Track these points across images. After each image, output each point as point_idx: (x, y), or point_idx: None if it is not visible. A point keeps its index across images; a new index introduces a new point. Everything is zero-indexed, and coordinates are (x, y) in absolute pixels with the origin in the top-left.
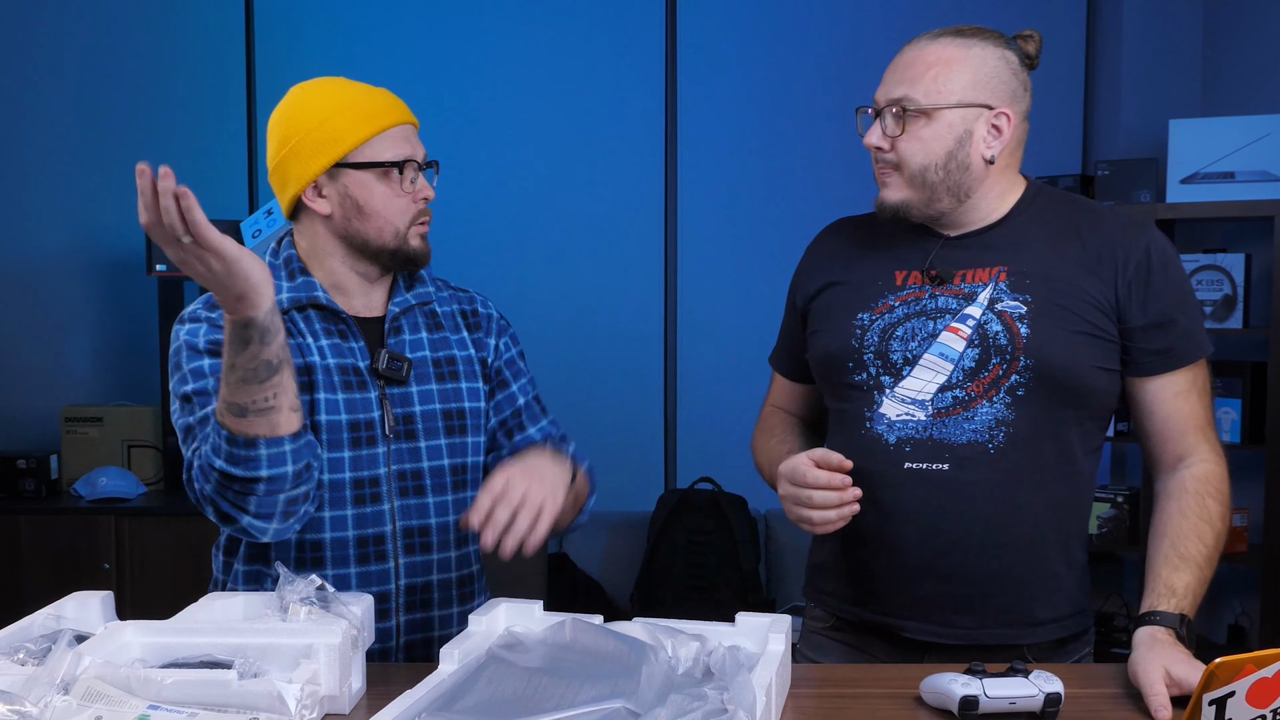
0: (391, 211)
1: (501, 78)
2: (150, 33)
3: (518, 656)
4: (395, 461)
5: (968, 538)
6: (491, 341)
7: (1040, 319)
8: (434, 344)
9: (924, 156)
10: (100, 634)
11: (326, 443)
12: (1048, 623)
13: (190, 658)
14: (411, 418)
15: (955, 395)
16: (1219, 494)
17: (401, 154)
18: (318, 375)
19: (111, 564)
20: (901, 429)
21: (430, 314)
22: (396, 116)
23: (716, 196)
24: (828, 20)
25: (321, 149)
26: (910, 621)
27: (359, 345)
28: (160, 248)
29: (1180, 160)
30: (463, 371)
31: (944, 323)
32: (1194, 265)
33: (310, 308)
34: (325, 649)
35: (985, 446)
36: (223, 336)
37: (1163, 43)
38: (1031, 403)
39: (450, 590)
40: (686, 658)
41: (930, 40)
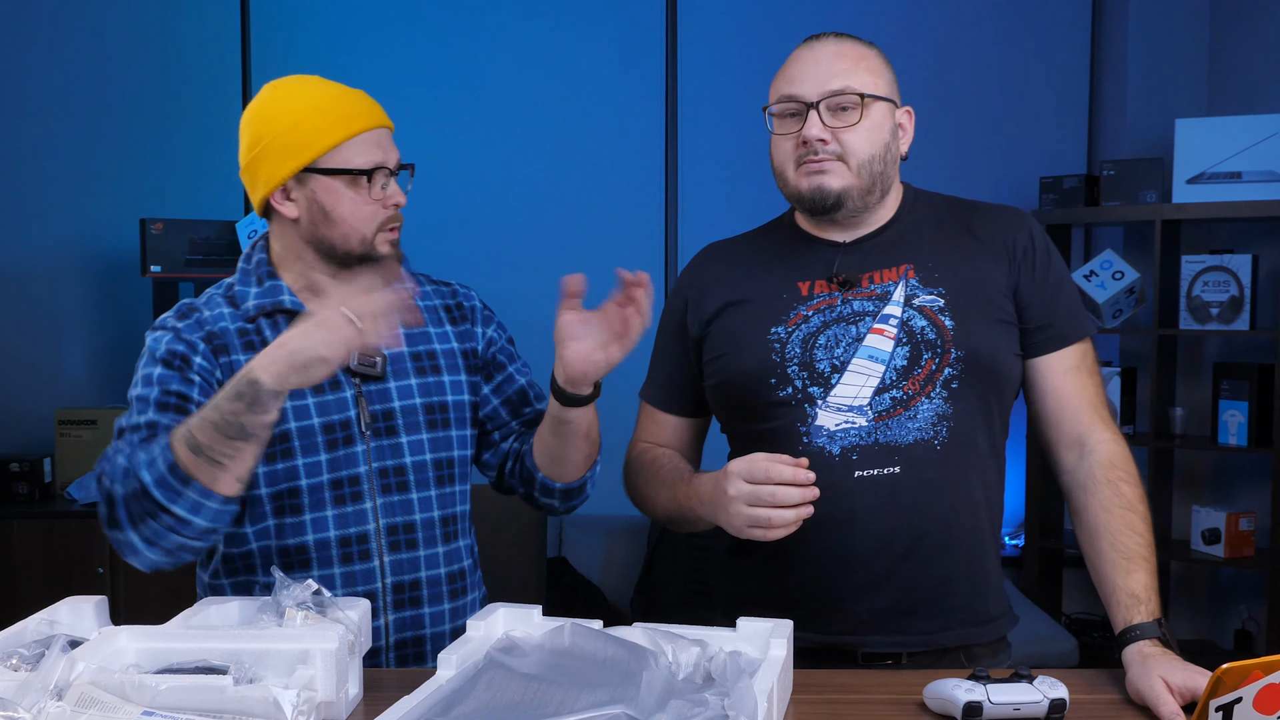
0: (358, 219)
1: (501, 76)
2: (145, 32)
3: (516, 662)
4: (376, 459)
5: (924, 540)
6: (479, 330)
7: (960, 310)
8: (412, 338)
9: (869, 146)
10: (94, 639)
11: (300, 449)
12: (998, 617)
13: (185, 663)
14: (391, 413)
15: (893, 395)
16: (1129, 476)
17: (372, 160)
18: None
19: (105, 568)
20: (844, 438)
21: (410, 309)
22: (368, 121)
23: (717, 196)
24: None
25: (290, 153)
26: (870, 636)
27: None
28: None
29: (1186, 160)
30: (444, 365)
31: (866, 325)
32: (1200, 266)
33: (278, 313)
34: (322, 654)
35: (932, 444)
36: (182, 348)
37: (1169, 41)
38: (966, 394)
39: (440, 587)
40: (687, 663)
41: (836, 39)
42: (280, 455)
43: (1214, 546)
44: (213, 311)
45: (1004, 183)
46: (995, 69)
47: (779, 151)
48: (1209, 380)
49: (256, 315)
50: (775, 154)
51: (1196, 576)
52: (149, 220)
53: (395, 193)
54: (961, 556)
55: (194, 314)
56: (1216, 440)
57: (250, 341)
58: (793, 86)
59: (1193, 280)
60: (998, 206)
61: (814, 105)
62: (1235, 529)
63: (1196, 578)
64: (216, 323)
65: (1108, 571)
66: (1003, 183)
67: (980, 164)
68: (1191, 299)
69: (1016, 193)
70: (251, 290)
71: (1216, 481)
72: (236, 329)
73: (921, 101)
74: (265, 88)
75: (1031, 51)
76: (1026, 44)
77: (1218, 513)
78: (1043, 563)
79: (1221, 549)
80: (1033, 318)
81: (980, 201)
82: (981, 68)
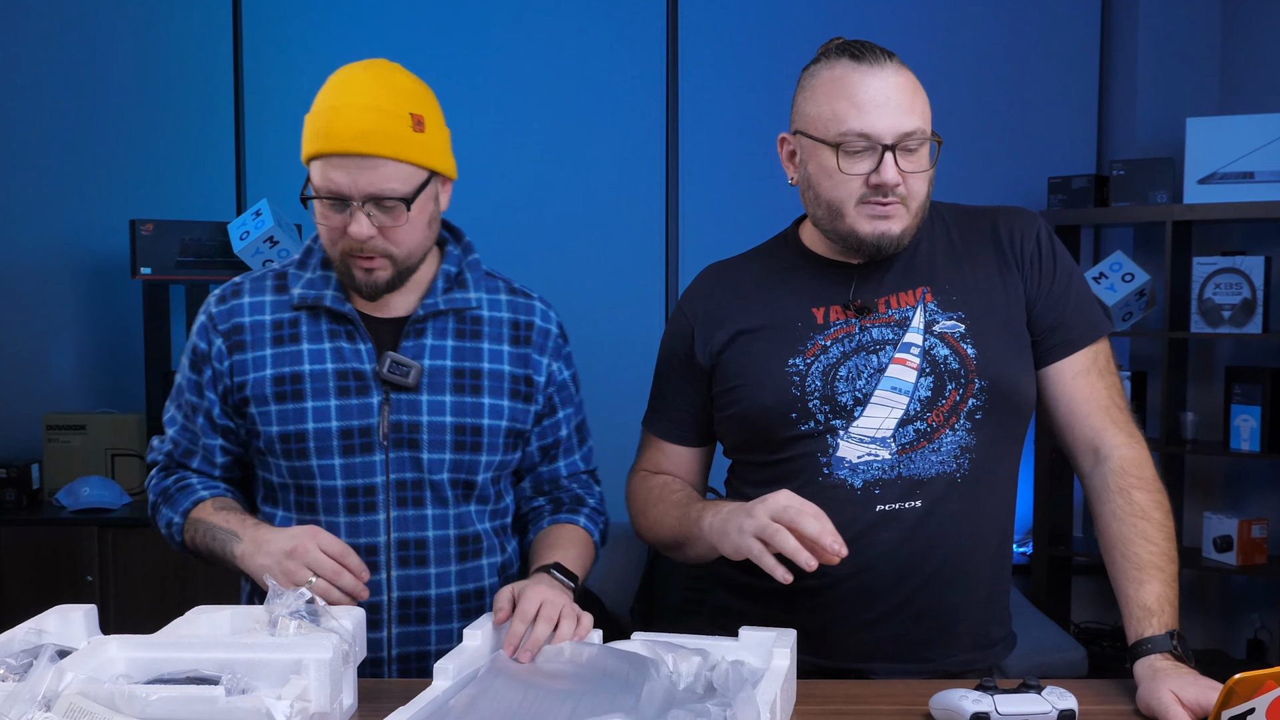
0: (324, 236)
1: (498, 79)
2: (136, 32)
3: (515, 671)
4: (395, 470)
5: (940, 571)
6: (545, 362)
7: (980, 336)
8: (460, 353)
9: (926, 186)
10: (83, 649)
11: (315, 450)
12: (1001, 640)
13: (176, 673)
14: (417, 426)
15: (917, 428)
16: (1142, 481)
17: (324, 186)
18: (306, 384)
19: (95, 576)
20: (866, 471)
21: (468, 319)
22: (339, 145)
23: (718, 197)
24: (830, 16)
25: (303, 145)
26: (878, 663)
27: (366, 348)
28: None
29: (1198, 160)
30: (488, 386)
31: (887, 355)
32: (1212, 268)
33: (320, 309)
34: (315, 664)
35: (954, 476)
36: (203, 346)
37: (1180, 39)
38: (988, 425)
39: (450, 605)
40: (688, 673)
41: (894, 65)
42: (297, 454)
43: (1226, 554)
44: (254, 299)
45: (1012, 183)
46: (1003, 67)
47: (841, 188)
48: (1221, 384)
49: (300, 305)
50: (833, 189)
51: (1208, 585)
52: (139, 221)
53: (357, 226)
54: (974, 585)
55: (236, 298)
56: (1228, 446)
57: (281, 336)
58: (863, 122)
59: (1204, 282)
60: (1005, 210)
61: (890, 148)
62: (1248, 536)
63: (1208, 586)
64: (252, 313)
65: (1121, 582)
66: (1011, 183)
67: (988, 164)
68: (1203, 301)
69: (1025, 193)
70: (304, 277)
71: (1228, 488)
72: (272, 320)
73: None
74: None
75: (1040, 49)
76: (1035, 41)
77: (1230, 520)
78: (1051, 571)
79: (1234, 557)
80: (1041, 324)
81: (988, 207)
82: (989, 66)
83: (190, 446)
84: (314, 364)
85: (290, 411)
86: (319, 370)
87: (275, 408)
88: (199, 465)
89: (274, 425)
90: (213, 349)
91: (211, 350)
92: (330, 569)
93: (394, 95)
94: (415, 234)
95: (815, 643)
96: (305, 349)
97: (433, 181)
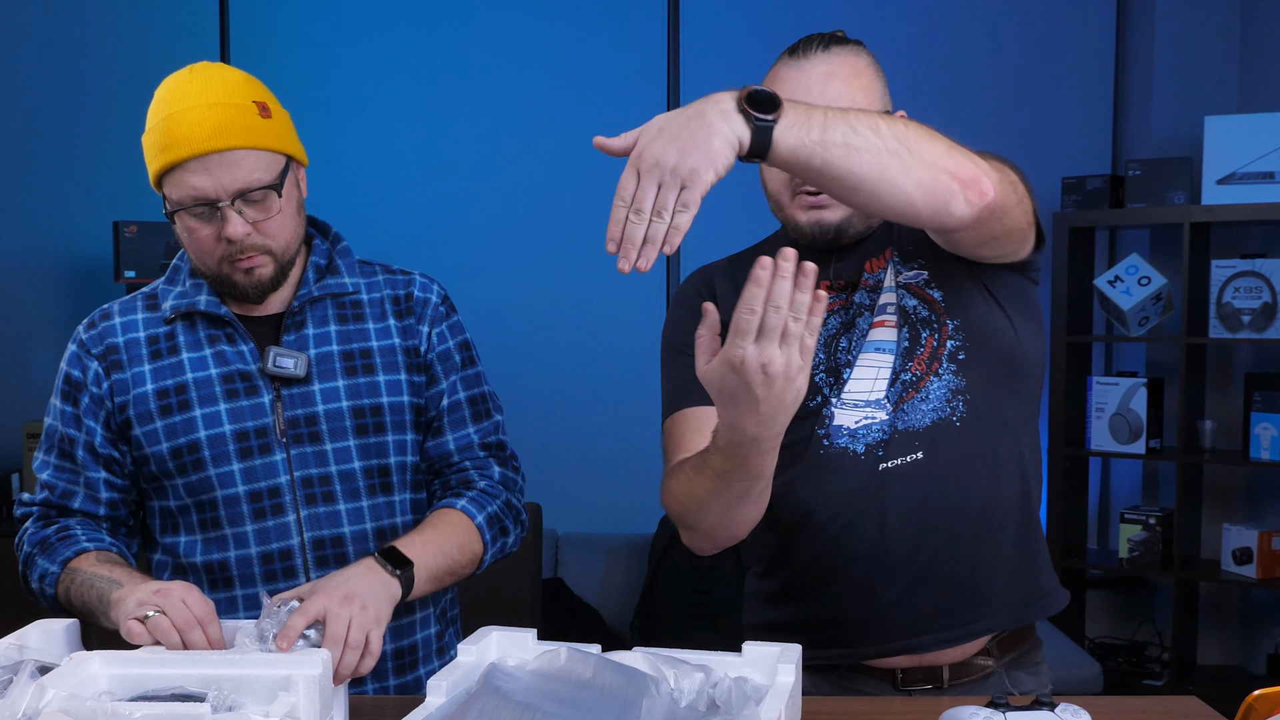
0: (194, 249)
1: (500, 74)
2: (120, 32)
3: (510, 688)
4: (299, 467)
5: (961, 524)
6: (425, 329)
7: (943, 279)
8: (345, 336)
9: None
10: (65, 665)
11: (211, 458)
12: (1050, 593)
13: (161, 690)
14: (314, 418)
15: (903, 380)
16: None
17: (188, 195)
18: (191, 393)
19: None
20: (866, 435)
21: (348, 304)
22: (193, 147)
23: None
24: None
25: (148, 164)
26: (919, 637)
27: (248, 348)
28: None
29: (1216, 160)
30: (380, 364)
31: (866, 319)
32: (1230, 271)
33: (195, 315)
34: (305, 680)
35: (951, 421)
36: (77, 373)
37: (1198, 34)
38: (975, 365)
39: None
40: (690, 690)
41: (825, 51)
42: (192, 466)
43: (1245, 567)
44: (124, 319)
45: None
46: (1016, 63)
47: (773, 179)
48: (1240, 392)
49: (174, 317)
50: (769, 181)
51: (1227, 598)
52: (122, 223)
53: (232, 227)
54: (1002, 535)
55: (104, 322)
56: (1248, 455)
57: (159, 350)
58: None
59: (1223, 286)
60: None
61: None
62: (1268, 548)
63: (1227, 599)
64: (125, 332)
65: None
66: None
67: None
68: (1222, 306)
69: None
70: (174, 290)
71: (1248, 498)
72: (147, 336)
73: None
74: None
75: (1054, 45)
76: (1049, 37)
77: (1249, 531)
78: (1065, 584)
79: (1253, 569)
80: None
81: None
82: (1002, 62)
83: (69, 486)
84: (196, 371)
85: (179, 424)
86: (203, 377)
87: (162, 423)
88: (81, 505)
89: (163, 442)
90: (88, 374)
91: (87, 376)
92: (183, 618)
93: (231, 89)
94: (288, 223)
95: (849, 632)
96: (185, 358)
97: (291, 167)
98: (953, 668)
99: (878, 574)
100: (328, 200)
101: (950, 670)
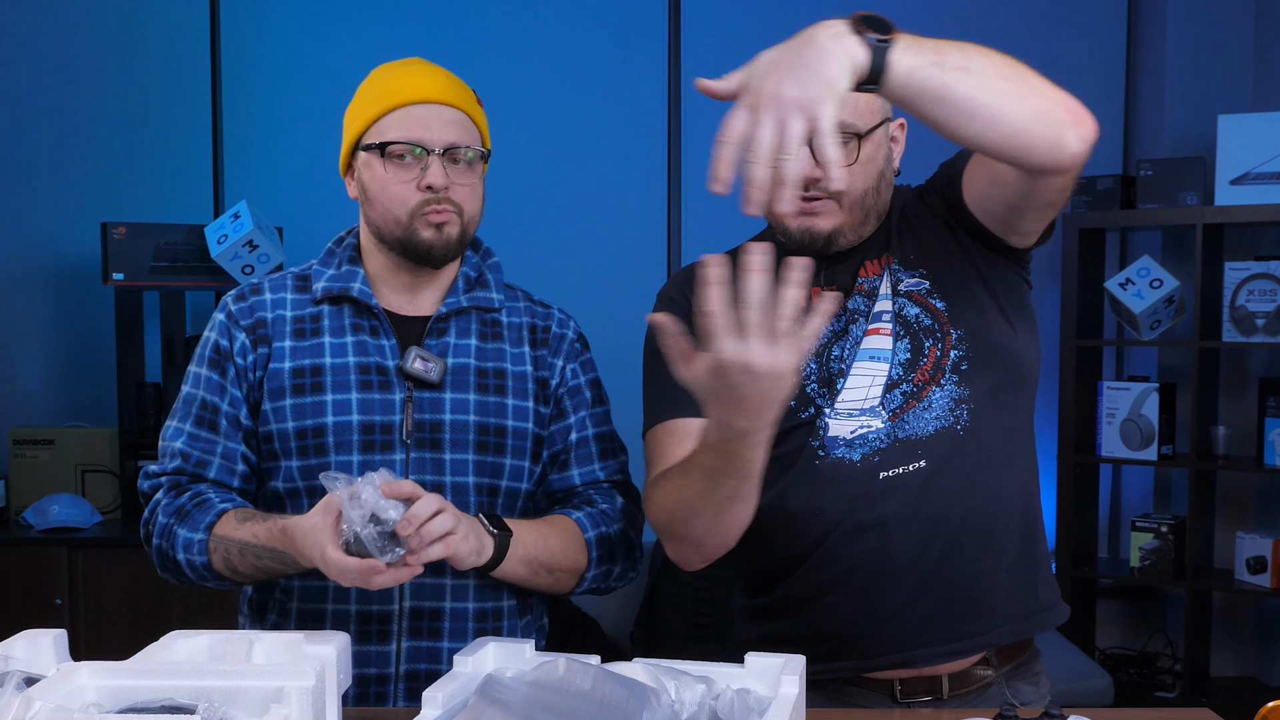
0: (388, 198)
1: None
2: (111, 32)
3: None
4: (415, 471)
5: (963, 534)
6: (558, 364)
7: (945, 288)
8: (483, 353)
9: (865, 181)
10: (52, 676)
11: (334, 445)
12: (1049, 608)
13: (150, 702)
14: (440, 425)
15: (903, 390)
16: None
17: (405, 135)
18: (326, 376)
19: (64, 599)
20: (863, 444)
21: (489, 321)
22: (412, 95)
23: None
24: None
25: (347, 130)
26: (918, 650)
27: (390, 343)
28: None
29: (1230, 159)
30: (512, 387)
31: (860, 327)
32: (1245, 274)
33: (344, 301)
34: (298, 692)
35: (954, 430)
36: (225, 343)
37: (1211, 31)
38: (978, 375)
39: (465, 622)
40: (691, 701)
41: None
42: (314, 450)
43: (1260, 576)
44: (274, 295)
45: None
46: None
47: None
48: (1254, 397)
49: (322, 299)
50: None
51: (1241, 607)
52: (111, 224)
53: (435, 174)
54: (1002, 547)
55: (254, 296)
56: (1262, 461)
57: (302, 330)
58: None
59: (1236, 289)
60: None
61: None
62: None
63: (1241, 609)
64: (274, 308)
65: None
66: None
67: None
68: (1235, 309)
69: None
70: (328, 272)
71: (1263, 506)
72: (293, 315)
73: None
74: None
75: (1064, 43)
76: (1059, 35)
77: (1264, 539)
78: (1075, 594)
79: (1268, 579)
80: (967, 196)
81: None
82: None
83: (205, 456)
84: (335, 357)
85: (308, 405)
86: (340, 364)
87: (292, 401)
88: (217, 475)
89: (289, 420)
90: (235, 344)
91: (234, 346)
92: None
93: (455, 76)
94: (477, 201)
95: (845, 645)
96: (327, 342)
97: (485, 162)
98: (952, 678)
99: (878, 584)
100: (325, 203)
101: (950, 681)
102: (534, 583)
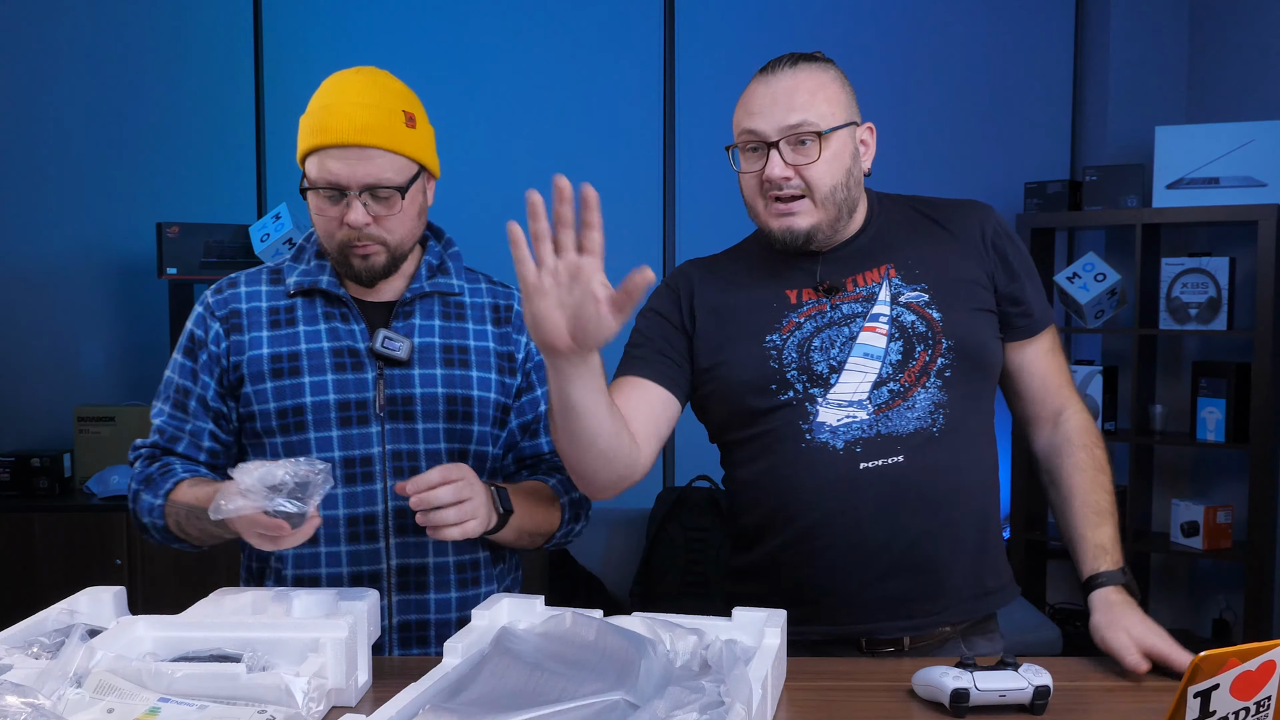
0: (320, 228)
1: (500, 74)
2: (159, 36)
3: (520, 650)
4: (390, 441)
5: (930, 524)
6: (523, 339)
7: (944, 302)
8: (447, 331)
9: (831, 178)
10: (112, 628)
11: (314, 423)
12: (997, 590)
13: (200, 652)
14: (410, 399)
15: (891, 389)
16: (1099, 442)
17: (323, 178)
18: (303, 361)
19: (124, 560)
20: (846, 432)
21: (453, 304)
22: (326, 138)
23: (716, 197)
24: (819, 24)
25: (299, 144)
26: (878, 623)
27: (360, 328)
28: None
29: (1166, 166)
30: (475, 360)
31: (857, 325)
32: (1179, 269)
33: (315, 293)
34: (333, 643)
35: (930, 431)
36: (200, 332)
37: (1149, 50)
38: (958, 382)
39: (448, 575)
40: (684, 651)
41: (792, 67)
42: (295, 428)
43: (1193, 539)
44: (249, 288)
45: (989, 187)
46: (981, 77)
47: (747, 187)
48: (1188, 378)
49: (295, 292)
50: (745, 191)
51: (1176, 568)
52: (165, 224)
53: (355, 214)
54: (961, 537)
55: (230, 289)
56: (1195, 436)
57: (278, 320)
58: (752, 122)
59: (1172, 282)
60: (959, 201)
61: (774, 144)
62: (1213, 522)
63: (1176, 569)
64: (248, 300)
65: (1078, 526)
66: (988, 188)
67: (965, 169)
68: (1171, 300)
69: (1001, 197)
70: (299, 268)
71: (1195, 476)
72: (268, 307)
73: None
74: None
75: (1016, 60)
76: (1011, 52)
77: (1196, 506)
78: (1028, 555)
79: (1200, 541)
80: (1012, 304)
81: (941, 198)
82: (967, 75)
83: (176, 432)
84: (310, 343)
85: (288, 387)
86: (315, 349)
87: (272, 384)
88: (184, 449)
89: (271, 402)
90: (209, 333)
91: (208, 335)
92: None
93: (386, 94)
94: (406, 223)
95: (818, 611)
96: (301, 330)
97: (421, 176)
98: (913, 637)
99: (848, 564)
100: None
101: (911, 640)
102: (515, 544)
